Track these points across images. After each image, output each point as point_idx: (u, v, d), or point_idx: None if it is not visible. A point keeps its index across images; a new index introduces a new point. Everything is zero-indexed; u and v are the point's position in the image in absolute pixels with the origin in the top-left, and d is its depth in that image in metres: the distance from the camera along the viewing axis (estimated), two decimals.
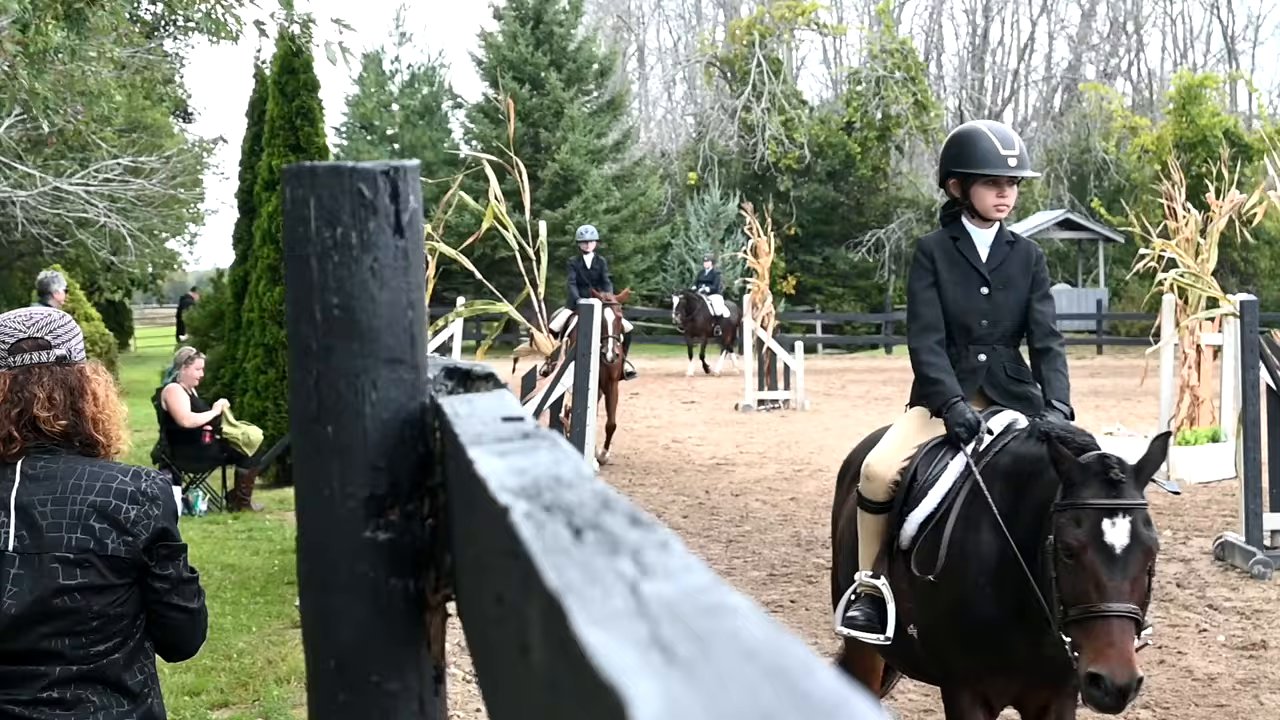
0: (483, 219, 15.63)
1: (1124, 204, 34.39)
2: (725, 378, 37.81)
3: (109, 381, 4.59)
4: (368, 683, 2.18)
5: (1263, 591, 13.08)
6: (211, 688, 10.18)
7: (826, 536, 15.84)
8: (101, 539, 4.32)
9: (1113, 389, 34.05)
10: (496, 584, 1.42)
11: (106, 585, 4.33)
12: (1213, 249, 19.64)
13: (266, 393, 19.71)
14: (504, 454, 1.64)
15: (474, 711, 9.51)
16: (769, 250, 32.26)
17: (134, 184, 34.16)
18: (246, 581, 13.54)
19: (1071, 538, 6.30)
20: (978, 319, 7.71)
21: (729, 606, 0.91)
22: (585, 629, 0.89)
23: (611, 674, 0.79)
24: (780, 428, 26.85)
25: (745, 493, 19.14)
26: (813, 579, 13.76)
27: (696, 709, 0.74)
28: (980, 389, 7.76)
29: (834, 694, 0.74)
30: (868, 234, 62.36)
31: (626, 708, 0.75)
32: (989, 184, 7.62)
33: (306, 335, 2.19)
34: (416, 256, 2.23)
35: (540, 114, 57.64)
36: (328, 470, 2.18)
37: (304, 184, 2.19)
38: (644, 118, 75.93)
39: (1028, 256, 7.78)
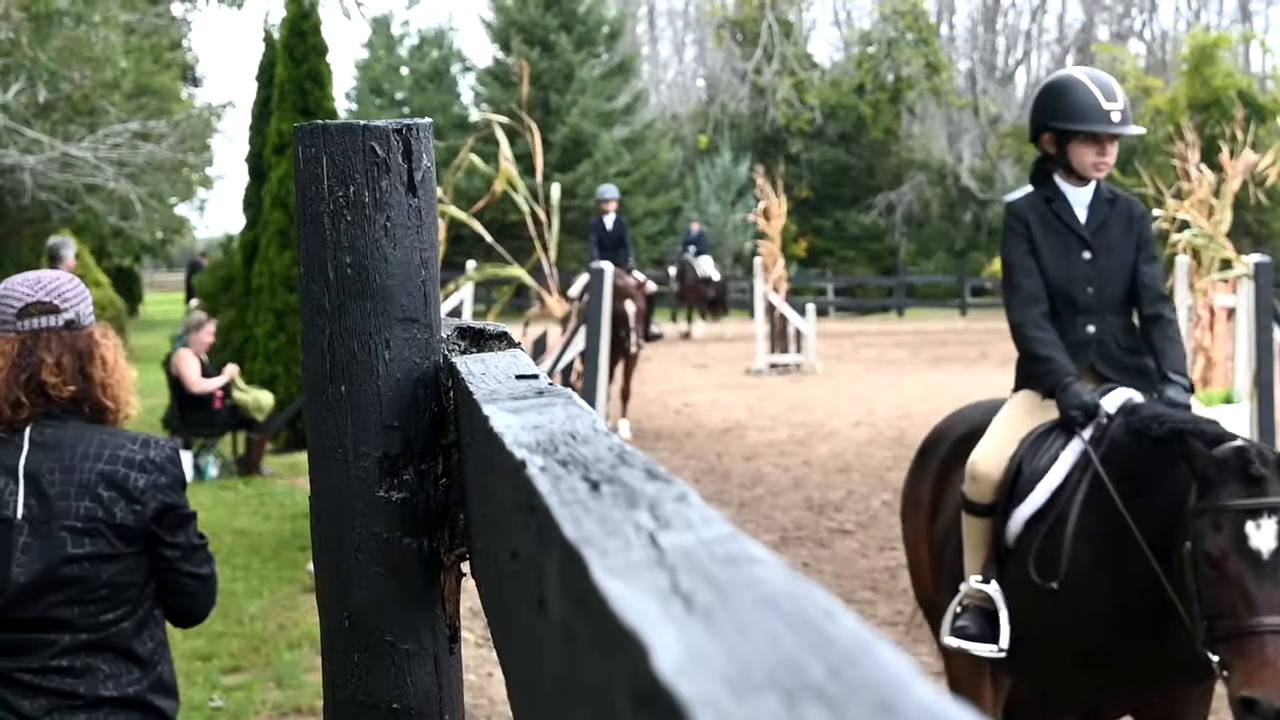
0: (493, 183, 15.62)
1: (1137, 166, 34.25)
2: (738, 341, 37.76)
3: (118, 345, 4.57)
4: (382, 642, 2.18)
5: None
6: (223, 653, 10.19)
7: (839, 499, 15.87)
8: (110, 508, 4.30)
9: None
10: (512, 540, 1.41)
11: (115, 554, 4.32)
12: (1226, 210, 19.58)
13: (277, 358, 19.71)
14: (518, 410, 1.63)
15: (486, 675, 9.53)
16: (780, 213, 32.22)
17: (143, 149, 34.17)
18: (258, 547, 13.55)
19: (1212, 545, 5.68)
20: (1082, 287, 6.93)
21: (748, 555, 0.91)
22: (604, 579, 0.89)
23: (631, 623, 0.79)
24: (792, 391, 26.83)
25: (757, 456, 19.14)
26: (825, 542, 13.76)
27: (718, 655, 0.73)
28: (1091, 364, 6.93)
29: (857, 639, 0.73)
30: (879, 196, 62.27)
31: (647, 655, 0.74)
32: (1089, 141, 6.90)
33: (319, 294, 2.18)
34: (430, 215, 2.23)
35: (550, 77, 57.52)
36: (341, 430, 2.18)
37: (316, 143, 2.18)
38: (654, 80, 75.80)
39: (1130, 215, 7.08)
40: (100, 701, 4.32)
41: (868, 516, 14.93)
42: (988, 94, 65.46)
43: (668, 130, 64.96)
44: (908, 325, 46.67)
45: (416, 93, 64.11)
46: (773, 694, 0.68)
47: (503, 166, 15.43)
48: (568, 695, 1.06)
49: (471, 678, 9.42)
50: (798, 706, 0.66)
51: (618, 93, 61.27)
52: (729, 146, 61.56)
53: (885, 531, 14.14)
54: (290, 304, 19.09)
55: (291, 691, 9.34)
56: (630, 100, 62.23)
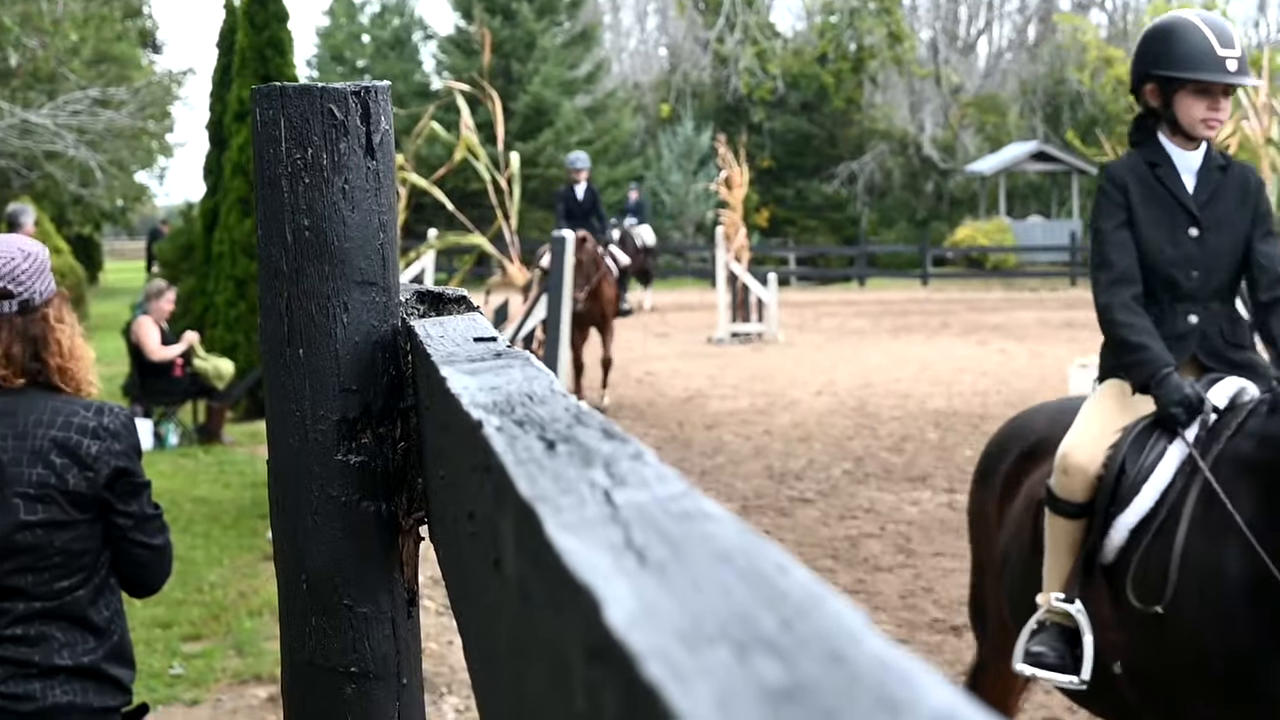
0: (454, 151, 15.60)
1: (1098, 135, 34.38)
2: (699, 310, 37.77)
3: (75, 326, 4.51)
4: (340, 606, 2.18)
5: None
6: (183, 621, 10.18)
7: (800, 468, 15.89)
8: (62, 474, 4.28)
9: (1086, 321, 33.98)
10: (469, 501, 1.41)
11: (69, 521, 4.29)
12: None
13: (237, 326, 19.66)
14: (476, 372, 1.63)
15: (447, 643, 9.53)
16: (742, 183, 32.24)
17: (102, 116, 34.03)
18: (218, 515, 13.53)
19: None
20: (1185, 270, 6.05)
21: (703, 512, 0.91)
22: (558, 535, 0.89)
23: (584, 577, 0.79)
24: (753, 360, 26.86)
25: (718, 425, 19.16)
26: (786, 511, 13.79)
27: (670, 608, 0.73)
28: (1193, 358, 6.09)
29: (809, 592, 0.73)
30: (841, 166, 62.29)
31: (599, 608, 0.74)
32: (1199, 92, 5.99)
33: (277, 257, 2.18)
34: (388, 178, 2.22)
35: (512, 45, 57.41)
36: (299, 393, 2.17)
37: (274, 105, 2.17)
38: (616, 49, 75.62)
39: (1245, 185, 6.14)
40: (55, 670, 4.30)
41: (828, 485, 14.96)
42: (950, 63, 65.48)
43: (630, 99, 64.91)
44: (869, 295, 46.74)
45: (378, 60, 63.91)
46: (724, 646, 0.68)
47: (464, 134, 15.41)
48: (523, 653, 1.06)
49: (432, 645, 9.42)
50: (749, 658, 0.66)
51: (579, 61, 61.19)
52: (691, 115, 61.50)
53: (846, 500, 14.18)
54: (251, 271, 19.04)
55: (251, 659, 9.33)
56: (592, 69, 62.15)
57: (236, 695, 8.82)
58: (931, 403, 20.91)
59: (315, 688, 2.21)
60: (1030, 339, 30.15)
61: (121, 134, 37.10)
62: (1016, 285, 48.78)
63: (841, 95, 62.84)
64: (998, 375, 23.64)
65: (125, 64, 42.70)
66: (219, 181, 21.26)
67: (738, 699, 0.62)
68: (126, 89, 36.06)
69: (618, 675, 0.71)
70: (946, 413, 19.92)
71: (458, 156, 15.43)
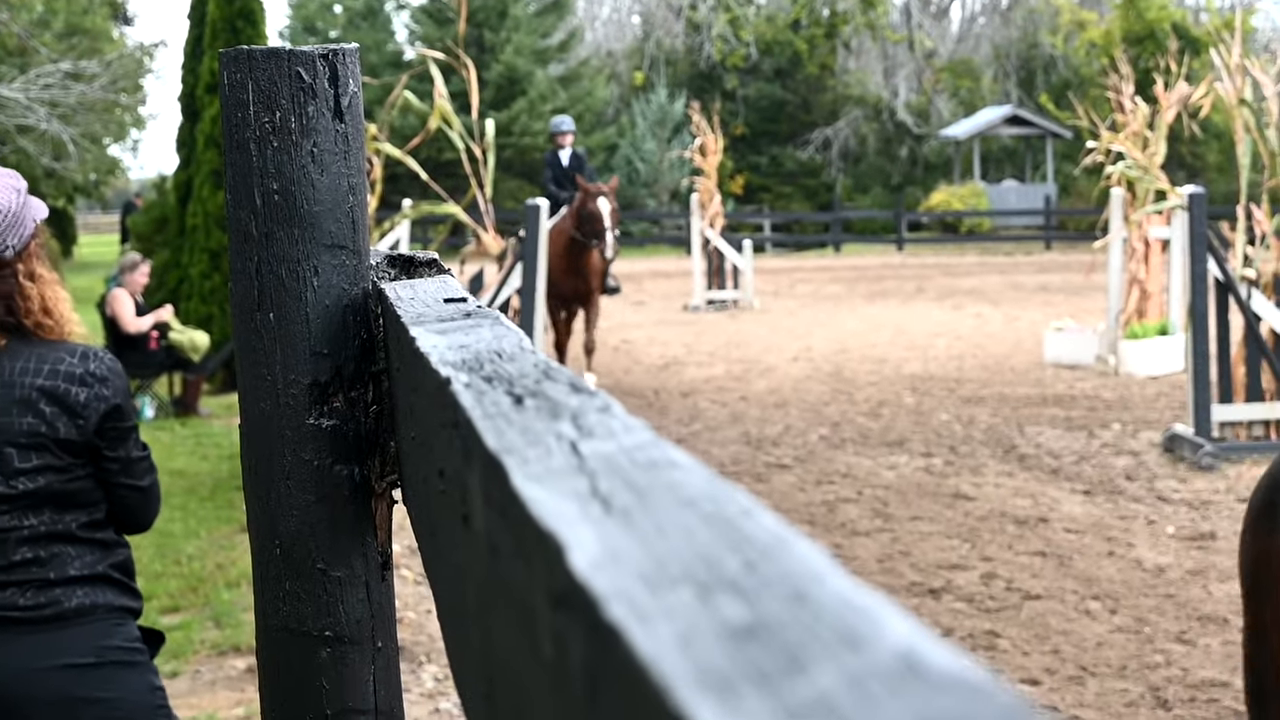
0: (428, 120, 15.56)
1: (1072, 99, 34.40)
2: (675, 277, 37.77)
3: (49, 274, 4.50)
4: (313, 570, 2.18)
5: (1211, 483, 13.18)
6: (161, 593, 10.16)
7: (776, 434, 15.91)
8: (53, 423, 4.30)
9: (1061, 284, 34.20)
10: (439, 459, 1.41)
11: (63, 466, 4.33)
12: (1160, 142, 19.67)
13: (212, 298, 19.63)
14: (445, 331, 1.63)
15: (425, 613, 9.53)
16: (716, 150, 32.23)
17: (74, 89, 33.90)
18: (195, 487, 13.52)
19: None
20: None
21: (669, 460, 0.90)
22: (524, 485, 0.89)
23: (549, 524, 0.79)
24: (729, 327, 26.88)
25: (694, 392, 19.17)
26: (762, 477, 13.80)
27: (634, 552, 0.73)
28: None
29: (774, 535, 0.73)
30: (815, 132, 62.21)
31: (564, 554, 0.74)
32: None
33: (246, 221, 2.17)
34: (357, 141, 2.21)
35: (484, 14, 57.22)
36: (270, 357, 2.17)
37: (242, 68, 2.16)
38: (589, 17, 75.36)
39: None
40: (71, 580, 4.37)
41: (805, 451, 14.97)
42: (923, 29, 65.39)
43: (603, 67, 64.75)
44: (844, 261, 46.75)
45: (350, 30, 63.67)
46: (687, 587, 0.68)
47: (438, 104, 15.37)
48: (491, 606, 1.06)
49: (410, 615, 9.43)
50: (711, 598, 0.66)
51: (552, 30, 61.02)
52: (664, 83, 61.38)
53: (823, 465, 14.20)
54: (225, 244, 18.95)
55: (230, 630, 9.33)
56: (565, 37, 61.99)
57: (215, 666, 8.82)
58: (907, 367, 20.94)
59: (290, 653, 2.21)
60: (1005, 303, 30.18)
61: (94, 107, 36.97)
62: (991, 249, 48.82)
63: (815, 61, 62.77)
64: (973, 339, 23.68)
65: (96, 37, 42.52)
66: (192, 154, 21.20)
67: (700, 637, 0.62)
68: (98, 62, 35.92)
69: (582, 619, 0.71)
70: (922, 377, 19.95)
71: (433, 125, 15.39)
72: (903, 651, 0.59)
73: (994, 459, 14.33)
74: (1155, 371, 19.25)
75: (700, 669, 0.59)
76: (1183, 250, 15.67)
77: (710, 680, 0.58)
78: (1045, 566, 10.65)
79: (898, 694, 0.55)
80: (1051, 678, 8.41)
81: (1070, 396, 17.99)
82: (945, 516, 12.15)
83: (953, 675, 0.57)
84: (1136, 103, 20.49)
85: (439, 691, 8.23)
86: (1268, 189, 14.97)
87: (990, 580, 10.32)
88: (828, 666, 0.58)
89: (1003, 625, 9.37)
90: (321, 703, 2.19)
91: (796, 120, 63.04)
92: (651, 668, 0.60)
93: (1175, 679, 8.37)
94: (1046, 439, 15.28)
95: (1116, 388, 18.55)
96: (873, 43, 64.44)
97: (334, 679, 2.19)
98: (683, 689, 0.58)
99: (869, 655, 0.59)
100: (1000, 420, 16.42)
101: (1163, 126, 19.80)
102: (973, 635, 9.15)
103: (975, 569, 10.61)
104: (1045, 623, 9.40)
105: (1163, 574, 10.43)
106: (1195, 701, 8.05)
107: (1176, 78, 20.50)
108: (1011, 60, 63.73)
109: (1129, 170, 18.54)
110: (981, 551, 11.07)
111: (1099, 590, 10.05)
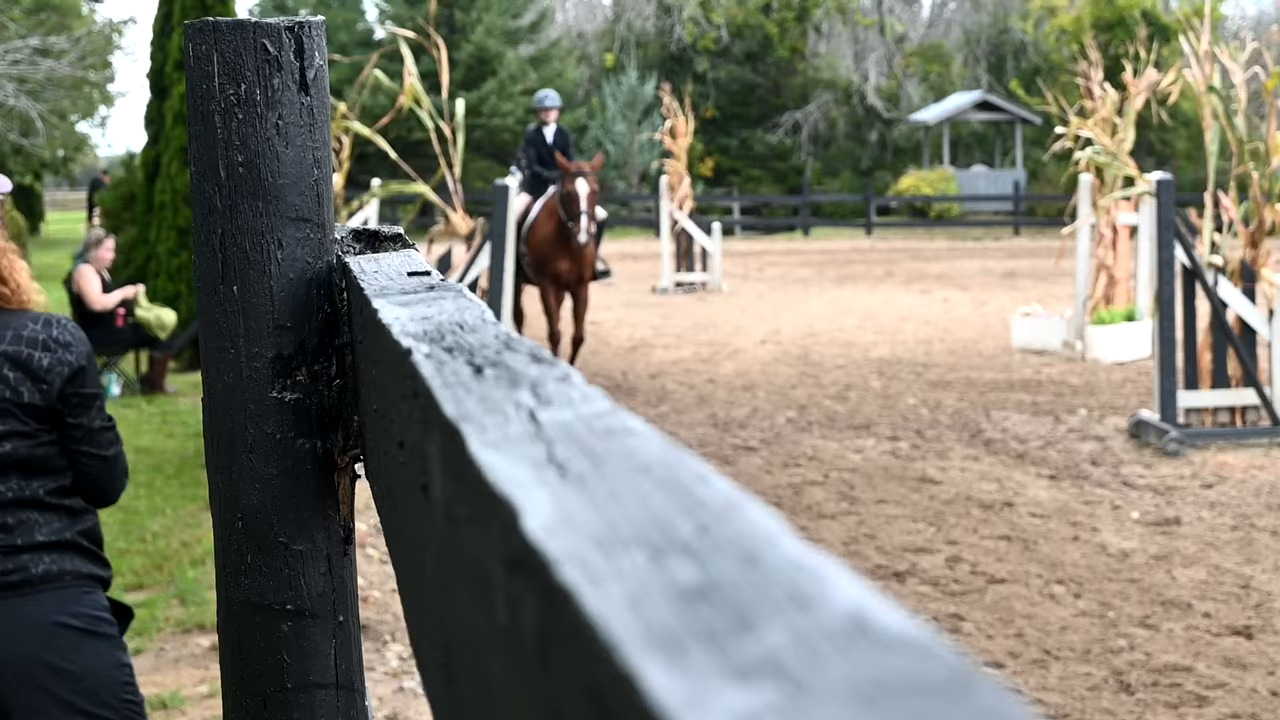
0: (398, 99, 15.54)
1: (1042, 85, 34.45)
2: (644, 259, 37.76)
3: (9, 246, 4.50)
4: (275, 543, 2.17)
5: (1176, 469, 13.22)
6: (126, 570, 10.14)
7: (744, 417, 15.92)
8: (16, 388, 4.31)
9: (1030, 270, 34.28)
10: (399, 430, 1.41)
11: (29, 431, 4.34)
12: (1129, 129, 19.72)
13: (179, 275, 19.59)
14: (408, 304, 1.63)
15: (390, 591, 9.52)
16: (686, 132, 32.23)
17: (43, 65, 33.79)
18: (161, 465, 13.50)
19: None
20: None
21: (625, 428, 0.91)
22: (480, 451, 0.89)
23: (504, 489, 0.79)
24: (698, 310, 26.89)
25: (662, 374, 19.18)
26: (730, 459, 13.81)
27: (588, 516, 0.73)
28: None
29: (728, 499, 0.73)
30: (785, 115, 62.22)
31: (518, 518, 0.74)
32: None
33: (210, 193, 2.16)
34: (322, 115, 2.21)
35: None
36: (233, 330, 2.16)
37: (207, 40, 2.16)
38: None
39: None
40: (38, 546, 4.39)
41: (772, 434, 14.99)
42: (894, 13, 65.42)
43: (573, 48, 64.67)
44: (813, 244, 46.78)
45: (320, 9, 63.52)
46: (640, 550, 0.68)
47: (408, 83, 15.35)
48: (448, 575, 1.06)
49: (375, 594, 9.43)
50: (663, 560, 0.66)
51: (523, 10, 60.92)
52: (635, 65, 61.34)
53: (789, 448, 14.21)
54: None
55: (194, 608, 9.32)
56: (536, 18, 61.89)
57: (180, 644, 8.81)
58: (875, 351, 20.98)
59: (251, 625, 2.21)
60: (973, 288, 30.24)
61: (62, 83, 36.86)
62: (960, 234, 48.90)
63: (786, 44, 62.77)
64: (941, 324, 23.73)
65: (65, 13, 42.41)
66: (160, 131, 21.15)
67: (651, 598, 0.62)
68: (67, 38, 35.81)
69: (535, 583, 0.71)
70: (890, 361, 19.98)
71: (403, 104, 15.37)
72: (852, 611, 0.59)
73: (960, 443, 14.37)
74: (1122, 357, 19.31)
75: (649, 628, 0.59)
76: (1150, 237, 15.72)
77: (659, 639, 0.58)
78: (1010, 550, 10.68)
79: (846, 653, 0.56)
80: (1015, 661, 8.44)
81: (1037, 382, 18.04)
82: (911, 500, 12.18)
83: (901, 635, 0.57)
84: (1106, 89, 20.55)
85: (403, 670, 8.23)
86: (1235, 176, 15.01)
87: (955, 564, 10.35)
88: (776, 625, 0.58)
89: (967, 609, 9.39)
90: (282, 676, 2.19)
91: (767, 103, 63.05)
92: (601, 628, 0.60)
93: (1138, 663, 8.40)
94: (1013, 424, 15.31)
95: (1083, 373, 18.60)
96: (843, 26, 64.45)
97: (295, 652, 2.19)
98: (631, 648, 0.58)
99: (818, 615, 0.59)
100: (967, 405, 16.45)
101: (1131, 113, 19.85)
102: (937, 618, 9.17)
103: (940, 552, 10.64)
104: (1009, 606, 9.43)
105: (1127, 559, 10.46)
106: (1158, 685, 8.09)
107: (1146, 64, 20.55)
108: (982, 45, 63.80)
109: (1098, 156, 18.57)
110: (947, 535, 11.09)
111: (1063, 574, 10.08)
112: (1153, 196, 14.91)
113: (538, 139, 19.90)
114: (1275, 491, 12.32)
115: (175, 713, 7.72)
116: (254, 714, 2.22)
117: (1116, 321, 19.75)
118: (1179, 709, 7.79)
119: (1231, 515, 11.61)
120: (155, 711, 7.70)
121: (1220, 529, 11.23)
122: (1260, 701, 7.87)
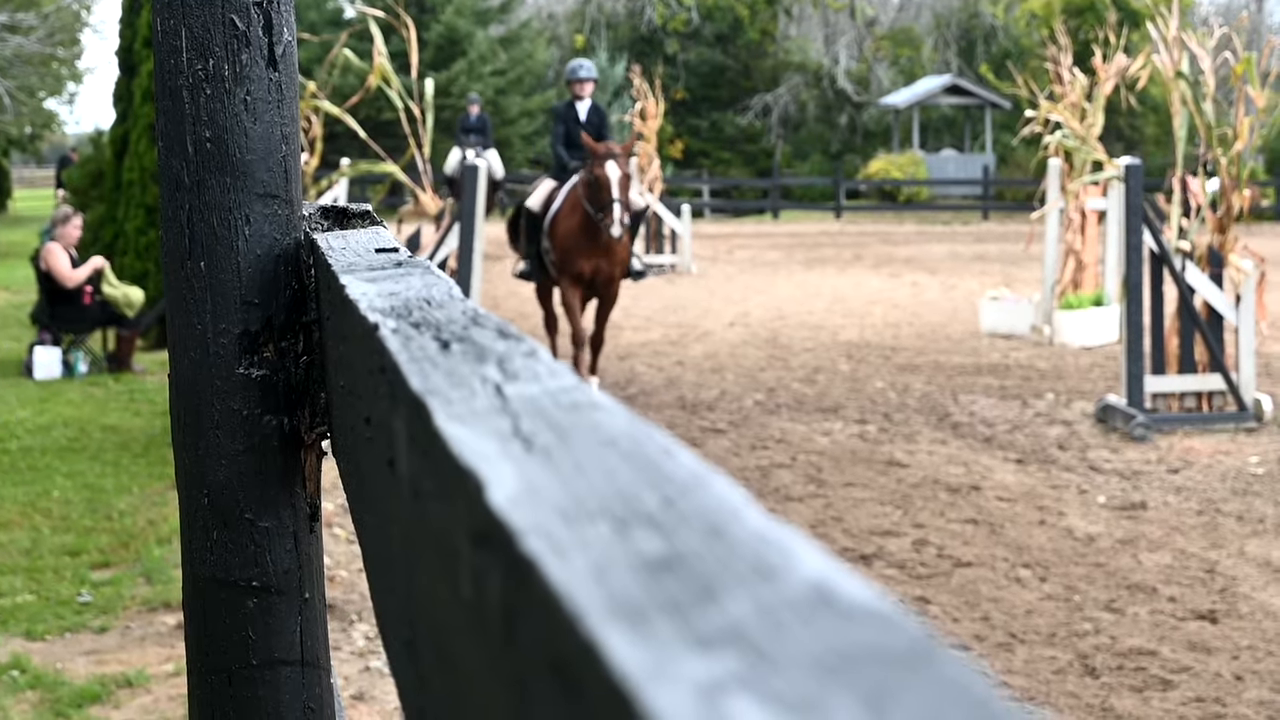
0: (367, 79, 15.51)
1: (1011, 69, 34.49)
2: None
3: None
4: (241, 520, 2.17)
5: (1143, 453, 13.26)
6: (92, 548, 10.12)
7: (712, 399, 15.93)
8: None
9: (998, 254, 34.33)
10: (366, 406, 1.41)
11: None
12: (1098, 114, 19.77)
13: (147, 254, 19.53)
14: (375, 280, 1.63)
15: (357, 571, 9.51)
16: (657, 114, 32.23)
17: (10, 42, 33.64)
18: (128, 443, 13.46)
19: None
20: None
21: (591, 402, 0.91)
22: (446, 425, 0.89)
23: (469, 462, 0.79)
24: (667, 292, 26.88)
25: (631, 356, 19.19)
26: (698, 441, 13.82)
27: (553, 489, 0.73)
28: None
29: (693, 473, 0.73)
30: (755, 98, 62.24)
31: (483, 490, 0.74)
32: None
33: (178, 169, 2.16)
34: (291, 90, 2.20)
35: None
36: (200, 306, 2.16)
37: (175, 15, 2.15)
38: None
39: None
40: None
41: (740, 416, 15.00)
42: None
43: (544, 30, 64.57)
44: (783, 227, 46.80)
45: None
46: (605, 522, 0.68)
47: (377, 63, 15.31)
48: (414, 549, 1.06)
49: (342, 573, 9.42)
50: (628, 532, 0.66)
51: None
52: (605, 47, 61.29)
53: (757, 431, 14.23)
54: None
55: (161, 586, 9.29)
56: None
57: (145, 622, 8.79)
58: (844, 334, 21.00)
59: (216, 602, 2.20)
60: (942, 272, 30.28)
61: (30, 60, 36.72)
62: (929, 218, 48.97)
63: (756, 27, 62.76)
64: (910, 308, 23.76)
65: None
66: (129, 108, 21.08)
67: (615, 569, 0.62)
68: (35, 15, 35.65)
69: (500, 555, 0.71)
70: (858, 344, 20.00)
71: (372, 84, 15.34)
72: (815, 583, 0.59)
73: (928, 427, 14.39)
74: (1089, 342, 19.36)
75: (613, 599, 0.60)
76: (1119, 222, 15.76)
77: (622, 610, 0.59)
78: (977, 534, 10.71)
79: (809, 623, 0.56)
80: (981, 644, 8.46)
81: (1005, 366, 18.07)
82: (878, 483, 12.20)
83: (864, 605, 0.57)
84: (1075, 74, 20.60)
85: (369, 650, 8.23)
86: (1203, 162, 15.05)
87: (922, 547, 10.37)
88: (740, 596, 0.58)
89: (933, 592, 9.41)
90: (247, 653, 2.19)
91: (737, 86, 63.05)
92: (565, 599, 0.60)
93: (1104, 647, 8.43)
94: (980, 407, 15.34)
95: (1051, 358, 18.65)
96: (814, 9, 64.44)
97: (260, 629, 2.18)
98: (595, 618, 0.58)
99: (781, 586, 0.59)
100: (935, 388, 16.48)
101: (1100, 98, 19.90)
102: (904, 602, 9.19)
103: (907, 536, 10.66)
104: (976, 590, 9.45)
105: (1093, 543, 10.50)
106: (1123, 669, 8.11)
107: (1115, 50, 20.60)
108: (952, 30, 63.85)
109: (1067, 141, 18.60)
110: (914, 518, 11.11)
111: (1029, 558, 10.11)
112: (1121, 181, 14.94)
113: (569, 115, 17.54)
114: (1241, 476, 12.37)
115: (141, 691, 7.71)
116: (219, 691, 2.22)
117: (1084, 306, 19.81)
118: (1143, 692, 7.82)
119: (1197, 500, 11.65)
120: (121, 689, 7.69)
121: (1186, 514, 11.27)
122: (1224, 685, 7.90)
